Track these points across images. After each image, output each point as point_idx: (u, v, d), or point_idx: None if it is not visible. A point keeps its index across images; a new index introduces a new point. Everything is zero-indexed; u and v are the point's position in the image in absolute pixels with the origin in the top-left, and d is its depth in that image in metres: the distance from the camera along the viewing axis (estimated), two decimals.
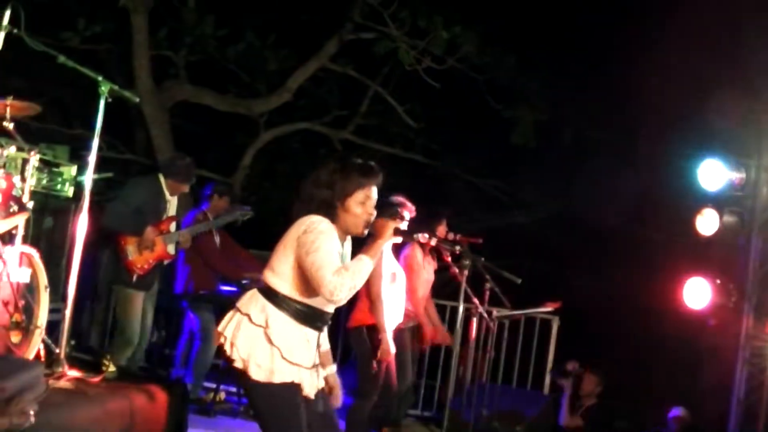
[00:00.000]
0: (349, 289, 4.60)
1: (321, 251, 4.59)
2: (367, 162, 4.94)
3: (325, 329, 4.98)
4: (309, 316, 4.75)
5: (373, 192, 4.86)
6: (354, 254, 4.88)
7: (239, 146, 14.88)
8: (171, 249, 8.46)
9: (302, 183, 4.92)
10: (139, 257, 8.17)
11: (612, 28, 12.75)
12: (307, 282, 4.66)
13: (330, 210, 4.76)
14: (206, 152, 14.49)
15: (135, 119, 14.50)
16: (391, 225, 4.82)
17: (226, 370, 9.46)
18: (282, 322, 4.68)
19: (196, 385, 9.06)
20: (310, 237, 4.62)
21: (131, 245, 8.14)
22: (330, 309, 4.85)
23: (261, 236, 13.54)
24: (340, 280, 4.55)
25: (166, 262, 8.49)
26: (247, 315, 4.71)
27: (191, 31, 13.55)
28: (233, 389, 9.61)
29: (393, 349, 7.40)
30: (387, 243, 4.90)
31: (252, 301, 4.77)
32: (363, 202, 4.80)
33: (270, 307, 4.69)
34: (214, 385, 9.48)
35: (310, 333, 4.77)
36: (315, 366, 4.85)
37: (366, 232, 4.85)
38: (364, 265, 4.67)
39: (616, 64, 12.53)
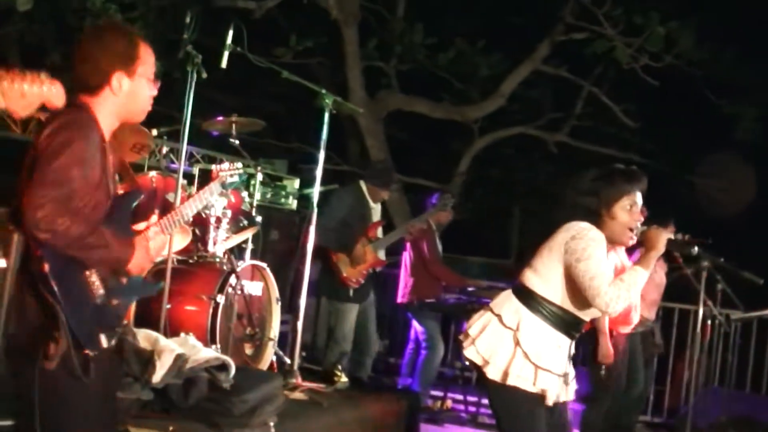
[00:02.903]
0: (625, 302, 4.49)
1: (593, 260, 4.46)
2: (630, 168, 4.82)
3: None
4: (565, 322, 4.61)
5: (638, 198, 4.70)
6: None
7: (452, 153, 14.86)
8: (381, 255, 8.45)
9: (563, 190, 4.85)
10: (353, 271, 8.17)
11: None
12: (572, 288, 4.54)
13: (596, 218, 4.63)
14: (420, 160, 14.54)
15: (348, 130, 14.66)
16: (665, 235, 4.66)
17: (452, 378, 9.45)
18: (535, 325, 4.56)
19: (423, 393, 9.02)
20: (581, 244, 4.50)
21: (343, 260, 8.15)
22: (586, 317, 4.70)
23: (474, 242, 13.56)
24: (616, 292, 4.44)
25: (378, 268, 8.50)
26: (499, 316, 4.62)
27: (401, 41, 13.63)
28: (460, 397, 9.57)
29: (611, 351, 7.22)
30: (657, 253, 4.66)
31: (506, 302, 4.67)
32: (629, 208, 4.65)
33: (524, 310, 4.58)
34: (440, 393, 9.46)
35: (562, 339, 4.64)
36: (565, 375, 4.71)
37: (631, 242, 4.70)
38: (639, 276, 4.55)
39: None
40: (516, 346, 4.53)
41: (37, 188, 3.35)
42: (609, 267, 4.58)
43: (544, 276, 4.60)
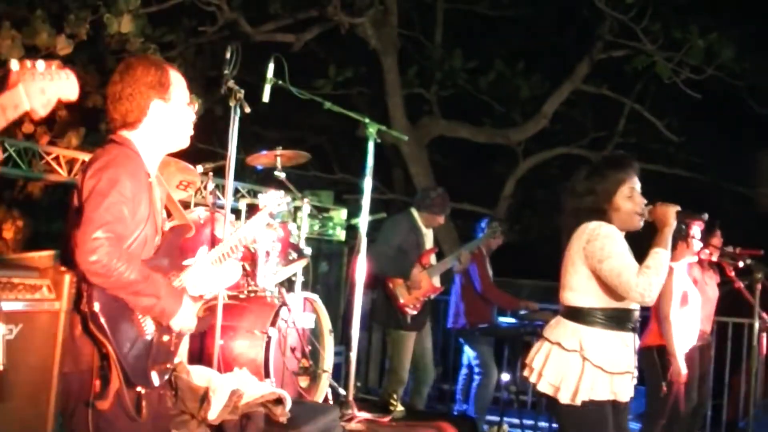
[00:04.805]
0: (657, 286, 4.53)
1: (614, 256, 4.54)
2: (619, 153, 4.87)
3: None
4: (620, 319, 4.66)
5: (635, 182, 4.75)
6: None
7: (497, 177, 14.80)
8: (436, 281, 8.43)
9: (563, 198, 4.87)
10: (410, 297, 8.17)
11: None
12: (609, 288, 4.59)
13: (601, 215, 4.69)
14: (464, 185, 14.46)
15: (391, 158, 14.63)
16: (673, 208, 4.63)
17: (508, 402, 9.36)
18: (597, 337, 4.61)
19: (479, 419, 8.96)
20: (597, 244, 4.57)
21: (400, 287, 8.15)
22: (636, 307, 4.74)
23: (525, 264, 13.44)
24: (646, 279, 4.49)
25: (433, 295, 8.46)
26: (558, 343, 4.65)
27: (440, 67, 13.61)
28: (516, 421, 9.48)
29: (684, 371, 7.13)
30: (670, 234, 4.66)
31: (560, 328, 4.71)
32: (630, 195, 4.71)
33: (581, 328, 4.63)
34: (497, 418, 9.37)
35: (626, 336, 4.69)
36: (636, 368, 4.77)
37: (642, 224, 4.73)
38: (661, 256, 4.57)
39: None
40: (584, 362, 4.56)
41: (90, 229, 3.35)
42: (630, 256, 4.62)
43: (581, 288, 4.65)
